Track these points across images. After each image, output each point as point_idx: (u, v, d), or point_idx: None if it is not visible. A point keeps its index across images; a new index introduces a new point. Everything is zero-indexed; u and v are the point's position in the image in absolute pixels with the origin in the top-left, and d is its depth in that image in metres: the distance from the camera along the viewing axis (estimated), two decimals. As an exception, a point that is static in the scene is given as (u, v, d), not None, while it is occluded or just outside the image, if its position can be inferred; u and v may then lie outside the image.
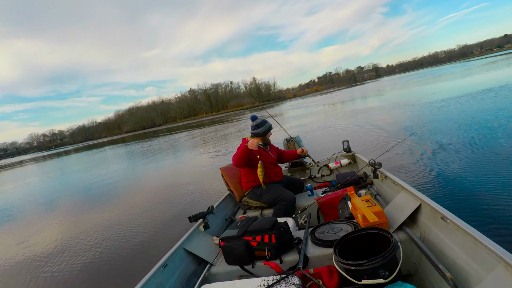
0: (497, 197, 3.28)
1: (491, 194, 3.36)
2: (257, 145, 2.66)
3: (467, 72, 29.09)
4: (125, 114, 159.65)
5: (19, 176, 23.95)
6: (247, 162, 2.85)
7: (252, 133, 3.09)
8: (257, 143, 2.67)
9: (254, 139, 2.69)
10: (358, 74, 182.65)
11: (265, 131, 3.05)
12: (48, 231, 6.30)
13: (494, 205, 3.11)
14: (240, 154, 2.76)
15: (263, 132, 3.04)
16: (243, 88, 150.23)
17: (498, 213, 2.95)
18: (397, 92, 24.96)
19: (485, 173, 3.99)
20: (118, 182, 10.76)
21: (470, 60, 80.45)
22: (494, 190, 3.45)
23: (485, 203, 3.19)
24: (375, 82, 75.85)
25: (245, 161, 2.82)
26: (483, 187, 3.60)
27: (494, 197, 3.28)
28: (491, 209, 3.04)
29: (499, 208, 3.04)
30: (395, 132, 8.15)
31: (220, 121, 45.36)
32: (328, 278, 1.72)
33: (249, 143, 2.65)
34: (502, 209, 3.00)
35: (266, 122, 3.08)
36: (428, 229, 1.81)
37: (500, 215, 2.90)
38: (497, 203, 3.15)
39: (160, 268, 1.86)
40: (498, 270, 1.22)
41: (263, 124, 3.05)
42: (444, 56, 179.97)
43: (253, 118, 3.09)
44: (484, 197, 3.32)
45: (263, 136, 3.06)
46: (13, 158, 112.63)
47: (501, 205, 3.08)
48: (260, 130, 3.04)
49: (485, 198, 3.30)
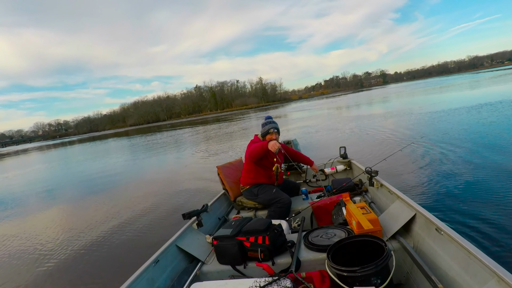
0: (492, 210, 3.28)
1: (487, 207, 3.36)
2: (277, 149, 2.62)
3: (475, 84, 28.84)
4: (130, 107, 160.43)
5: (20, 165, 24.09)
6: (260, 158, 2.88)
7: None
8: (279, 147, 2.63)
9: (276, 142, 2.65)
10: (365, 79, 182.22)
11: (263, 133, 3.03)
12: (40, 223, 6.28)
13: (488, 218, 3.10)
14: (257, 149, 2.77)
15: (262, 133, 3.03)
16: (249, 87, 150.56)
17: (493, 226, 2.95)
18: (402, 100, 24.87)
19: (482, 186, 3.98)
20: (117, 175, 10.80)
21: (480, 72, 79.82)
22: (490, 203, 3.45)
23: (480, 216, 3.18)
24: (381, 89, 75.62)
25: (260, 157, 2.86)
26: (479, 200, 3.60)
27: (489, 210, 3.28)
28: (486, 222, 3.04)
29: (494, 221, 3.04)
30: (393, 141, 8.18)
31: (224, 119, 45.51)
32: (320, 282, 1.72)
33: (271, 145, 2.61)
34: (497, 222, 3.00)
35: (267, 124, 3.03)
36: (421, 239, 1.81)
37: (495, 228, 2.90)
38: (492, 216, 3.15)
39: (152, 264, 1.86)
40: (490, 284, 1.22)
41: (263, 125, 3.05)
42: (453, 66, 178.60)
43: (265, 118, 3.11)
44: (479, 210, 3.32)
45: (263, 136, 3.04)
46: (18, 146, 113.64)
47: (495, 218, 3.08)
48: (261, 130, 3.05)
49: (480, 211, 3.30)
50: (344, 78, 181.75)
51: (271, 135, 2.99)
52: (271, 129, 2.98)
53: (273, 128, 2.99)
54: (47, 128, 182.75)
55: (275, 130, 2.99)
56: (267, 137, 3.01)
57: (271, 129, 2.98)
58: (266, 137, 3.02)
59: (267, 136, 3.01)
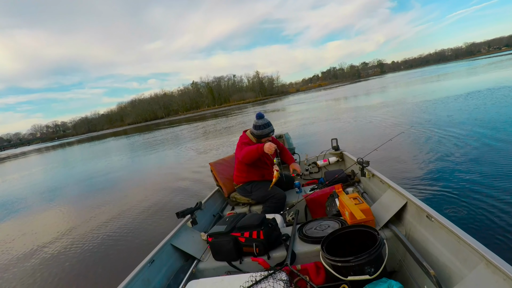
0: (482, 196, 3.33)
1: (476, 194, 3.41)
2: (274, 150, 2.56)
3: (472, 71, 28.78)
4: (128, 106, 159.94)
5: (19, 169, 24.06)
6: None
7: (252, 132, 2.94)
8: (275, 147, 2.57)
9: (271, 144, 2.58)
10: (362, 70, 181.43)
11: (260, 135, 2.86)
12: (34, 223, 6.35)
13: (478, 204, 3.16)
14: (252, 153, 2.66)
15: (258, 135, 2.87)
16: (246, 82, 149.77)
17: (482, 212, 3.00)
18: (397, 90, 24.82)
19: (473, 173, 4.03)
20: (114, 175, 10.83)
21: (477, 59, 79.49)
22: (480, 190, 3.50)
23: (470, 202, 3.24)
24: (379, 79, 75.44)
25: (255, 160, 2.75)
26: (469, 186, 3.65)
27: (479, 197, 3.33)
28: (476, 208, 3.09)
29: (483, 206, 3.09)
30: (384, 131, 8.26)
31: (222, 114, 45.39)
32: (315, 274, 1.74)
33: (267, 148, 2.54)
34: (486, 208, 3.05)
35: (265, 127, 2.84)
36: (413, 227, 1.83)
37: (484, 214, 2.95)
38: (481, 202, 3.20)
39: (147, 264, 1.85)
40: (479, 268, 1.25)
41: (260, 128, 2.84)
42: (450, 54, 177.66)
43: (258, 116, 2.90)
44: (469, 197, 3.38)
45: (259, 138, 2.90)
46: (16, 149, 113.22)
47: (485, 204, 3.14)
48: (256, 131, 2.88)
49: (470, 197, 3.35)
50: (342, 69, 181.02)
51: (268, 138, 2.88)
52: (271, 132, 2.87)
53: (272, 131, 2.88)
54: (45, 130, 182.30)
55: (272, 134, 2.91)
56: (263, 140, 2.87)
57: (270, 133, 2.87)
58: (262, 140, 2.87)
59: (263, 139, 2.87)
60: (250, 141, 2.90)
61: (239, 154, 2.84)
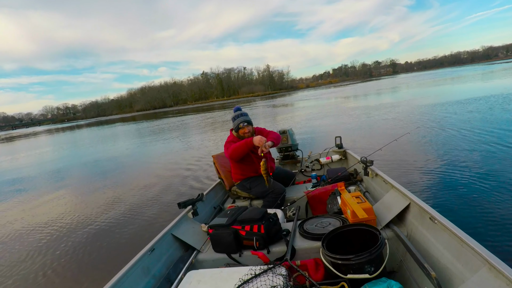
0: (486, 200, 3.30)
1: (481, 197, 3.38)
2: (264, 142, 2.49)
3: (488, 75, 28.07)
4: (137, 93, 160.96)
5: (32, 147, 24.60)
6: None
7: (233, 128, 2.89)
8: (266, 141, 2.51)
9: (262, 137, 2.53)
10: (374, 69, 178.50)
11: (237, 125, 2.81)
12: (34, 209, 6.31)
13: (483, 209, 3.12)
14: (241, 148, 2.62)
15: (235, 127, 2.83)
16: (256, 74, 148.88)
17: (486, 215, 2.97)
18: (409, 91, 24.53)
19: (479, 178, 3.97)
20: (120, 160, 10.98)
21: (493, 63, 77.41)
22: (484, 193, 3.47)
23: (474, 206, 3.21)
24: (391, 79, 74.30)
25: (244, 155, 2.70)
26: (473, 190, 3.61)
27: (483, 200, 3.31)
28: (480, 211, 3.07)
29: (487, 210, 3.07)
30: (391, 131, 8.20)
31: (231, 106, 45.32)
32: (314, 270, 1.74)
33: (257, 140, 2.51)
34: (490, 211, 3.03)
35: (239, 116, 2.81)
36: (415, 228, 1.82)
37: (487, 217, 2.92)
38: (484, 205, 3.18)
39: (147, 253, 1.86)
40: (482, 272, 1.23)
41: (235, 118, 2.83)
42: (466, 56, 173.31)
43: (235, 110, 2.90)
44: (473, 200, 3.35)
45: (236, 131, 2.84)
46: (28, 129, 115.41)
47: (488, 207, 3.11)
48: (234, 123, 2.85)
49: (474, 201, 3.33)
50: (353, 67, 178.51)
51: (243, 129, 2.79)
52: (241, 123, 2.78)
53: (242, 122, 2.78)
54: (56, 112, 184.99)
55: (245, 124, 2.79)
56: (240, 132, 2.81)
57: (240, 123, 2.78)
58: (239, 132, 2.82)
59: (239, 131, 2.81)
60: (235, 139, 2.86)
61: (226, 153, 2.83)
